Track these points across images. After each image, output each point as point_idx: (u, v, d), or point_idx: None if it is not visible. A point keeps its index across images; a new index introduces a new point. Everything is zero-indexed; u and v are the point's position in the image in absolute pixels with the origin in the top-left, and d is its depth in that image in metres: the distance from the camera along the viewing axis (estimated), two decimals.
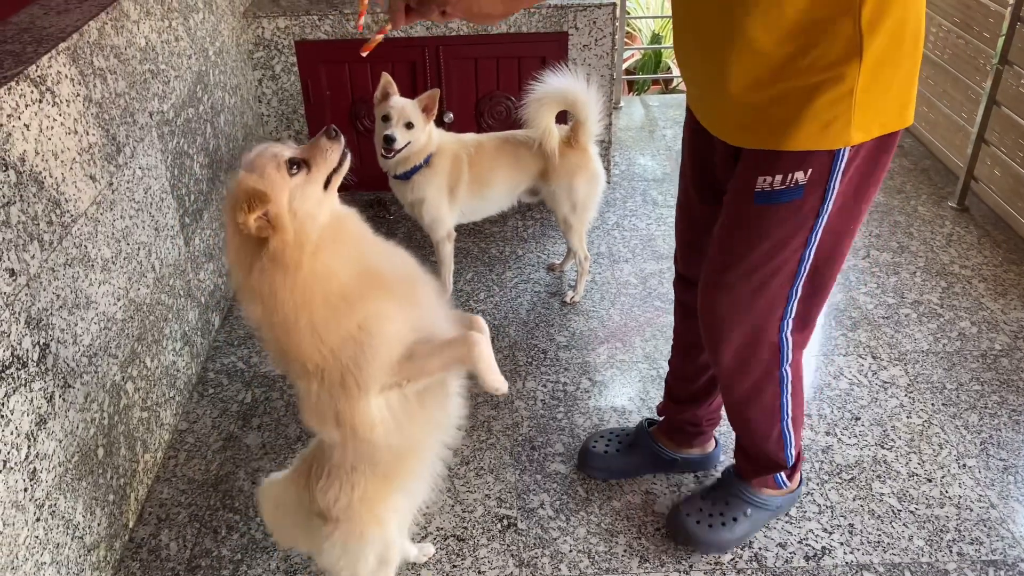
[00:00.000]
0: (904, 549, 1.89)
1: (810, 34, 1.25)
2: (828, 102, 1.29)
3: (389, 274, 1.35)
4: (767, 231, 1.45)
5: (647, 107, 4.34)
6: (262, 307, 1.26)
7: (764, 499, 1.88)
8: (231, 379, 2.48)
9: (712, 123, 1.48)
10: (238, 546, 1.95)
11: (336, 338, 1.27)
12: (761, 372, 1.65)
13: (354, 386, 1.29)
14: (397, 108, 2.41)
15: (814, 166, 1.35)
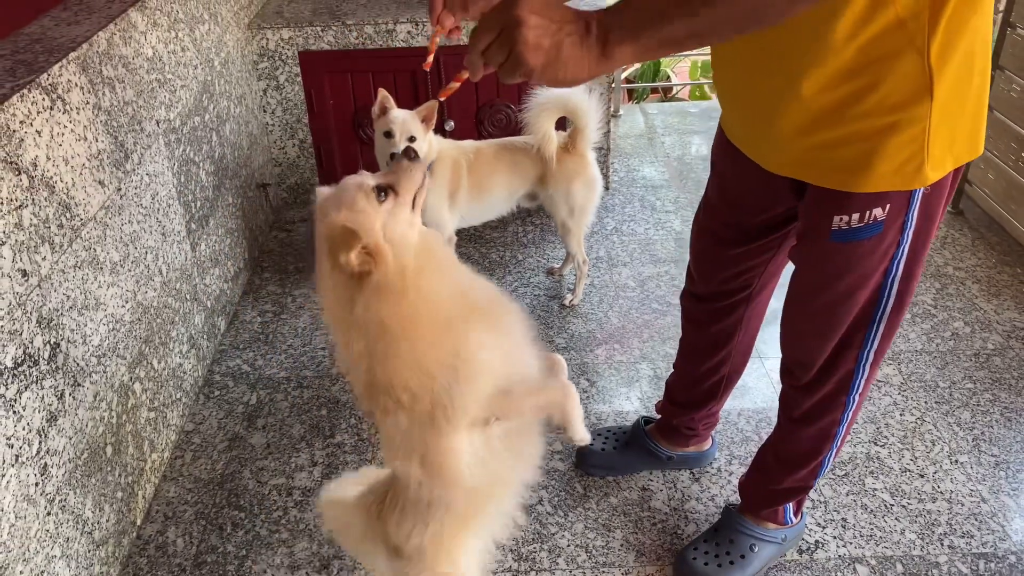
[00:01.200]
0: (896, 542, 1.92)
1: (872, 73, 1.19)
2: (901, 143, 1.24)
3: (481, 298, 1.29)
4: (849, 265, 1.41)
5: (646, 115, 4.39)
6: (366, 341, 1.20)
7: (770, 533, 1.85)
8: (236, 381, 2.52)
9: (768, 160, 1.43)
10: (243, 542, 1.99)
11: (434, 365, 1.21)
12: (831, 394, 1.61)
13: (443, 420, 1.23)
14: (399, 123, 2.45)
15: (891, 202, 1.31)
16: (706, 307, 1.85)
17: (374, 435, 2.29)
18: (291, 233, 3.32)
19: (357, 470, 1.96)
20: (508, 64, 0.95)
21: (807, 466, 1.73)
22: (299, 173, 3.47)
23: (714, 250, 1.74)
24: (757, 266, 1.71)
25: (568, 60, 0.93)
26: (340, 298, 1.20)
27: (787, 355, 1.65)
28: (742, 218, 1.63)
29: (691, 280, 1.87)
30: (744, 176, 1.53)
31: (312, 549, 1.96)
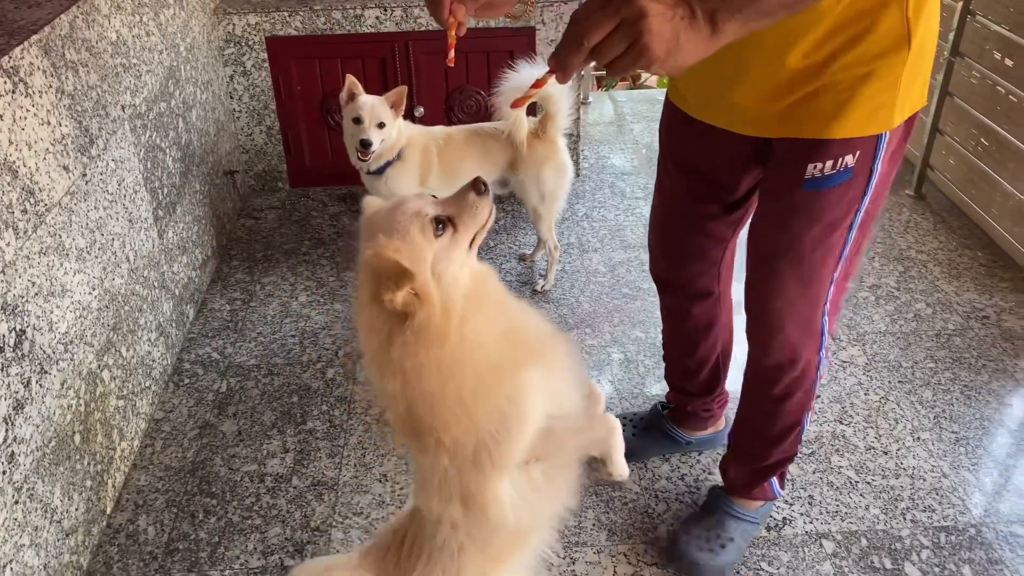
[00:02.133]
0: (861, 518, 1.97)
1: (857, 26, 1.24)
2: (876, 91, 1.29)
3: (532, 336, 1.21)
4: (818, 215, 1.43)
5: (615, 103, 4.41)
6: (402, 382, 1.10)
7: (754, 513, 1.88)
8: (206, 369, 2.51)
9: (736, 121, 1.45)
10: (215, 529, 1.98)
11: (481, 411, 1.13)
12: (806, 362, 1.62)
13: (488, 463, 1.15)
14: (368, 108, 2.45)
15: (861, 149, 1.36)
16: (683, 295, 1.84)
17: (347, 421, 2.29)
18: (259, 220, 3.30)
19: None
20: (629, 57, 0.90)
21: (790, 435, 1.75)
22: (267, 160, 3.44)
23: (681, 232, 1.74)
24: (725, 239, 1.73)
25: (685, 45, 0.91)
26: (376, 332, 1.10)
27: (759, 329, 1.63)
28: (707, 193, 1.64)
29: (661, 270, 1.86)
30: (707, 149, 1.54)
31: (285, 534, 1.96)
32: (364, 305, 1.10)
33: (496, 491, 1.18)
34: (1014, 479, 2.09)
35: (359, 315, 1.12)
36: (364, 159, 2.50)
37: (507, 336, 1.16)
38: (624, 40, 0.88)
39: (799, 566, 1.86)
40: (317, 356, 2.55)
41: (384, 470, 2.13)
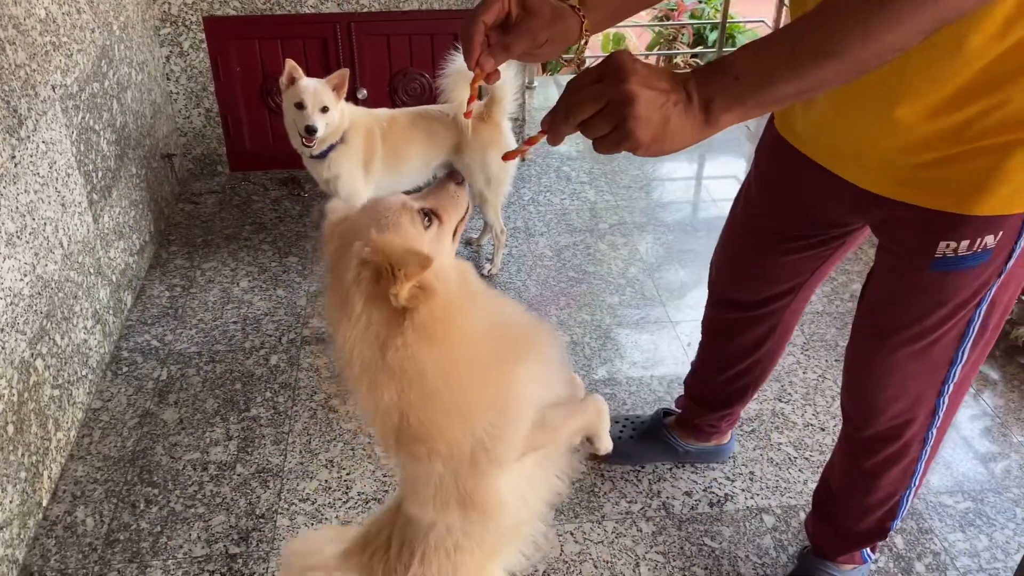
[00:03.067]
0: (799, 492, 2.03)
1: (997, 93, 1.10)
2: (1022, 162, 1.14)
3: (518, 329, 1.18)
4: (944, 299, 1.29)
5: (560, 87, 4.42)
6: (399, 387, 1.04)
7: (850, 573, 1.76)
8: (145, 357, 2.45)
9: (843, 167, 1.33)
10: (157, 519, 1.95)
11: (478, 409, 1.09)
12: (911, 437, 1.49)
13: (485, 462, 1.11)
14: (310, 93, 2.40)
15: (1005, 229, 1.20)
16: (743, 315, 1.74)
17: (292, 407, 2.27)
18: (198, 205, 3.23)
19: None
20: (612, 138, 0.87)
21: (881, 510, 1.62)
22: (205, 143, 3.36)
23: (763, 259, 1.62)
24: (805, 272, 1.62)
25: (675, 132, 0.87)
26: (370, 337, 1.02)
27: (855, 404, 1.53)
28: (800, 228, 1.52)
29: (726, 289, 1.76)
30: (806, 184, 1.42)
31: (230, 522, 1.94)
32: (356, 310, 1.01)
33: (494, 489, 1.15)
34: (943, 453, 2.18)
35: (345, 325, 1.02)
36: (309, 145, 2.46)
37: (498, 328, 1.13)
38: (609, 122, 0.86)
39: (740, 540, 1.91)
40: (260, 343, 2.52)
41: (330, 456, 2.12)
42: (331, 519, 1.94)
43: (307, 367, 2.42)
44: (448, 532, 1.19)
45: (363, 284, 0.99)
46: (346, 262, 1.01)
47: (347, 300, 1.01)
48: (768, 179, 1.56)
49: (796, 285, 1.65)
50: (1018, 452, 2.18)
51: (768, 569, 1.85)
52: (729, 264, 1.73)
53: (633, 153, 0.88)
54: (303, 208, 3.22)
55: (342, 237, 1.05)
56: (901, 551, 1.89)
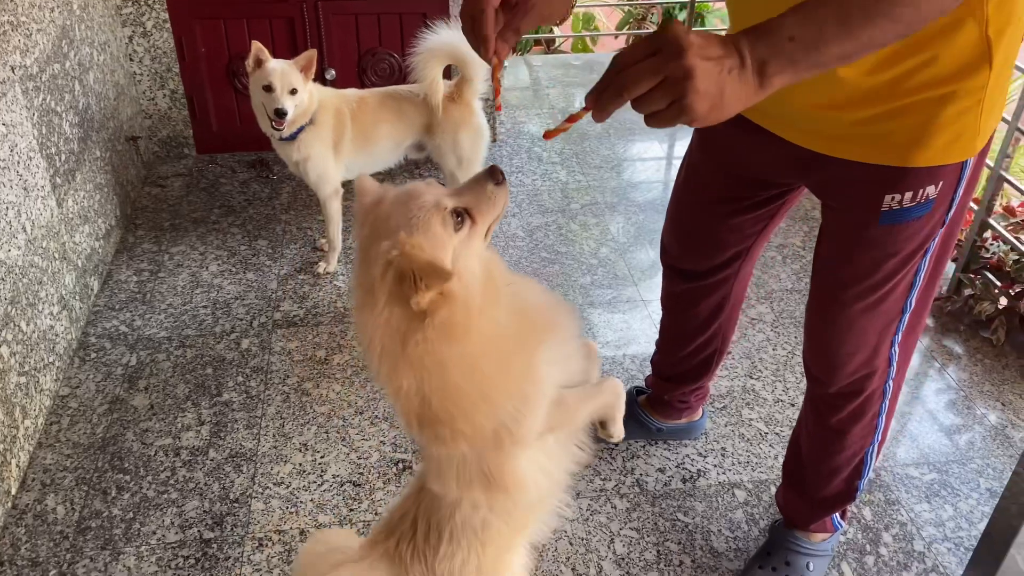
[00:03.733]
0: (770, 467, 2.06)
1: (928, 48, 1.13)
2: (957, 113, 1.18)
3: (542, 314, 1.17)
4: (893, 251, 1.33)
5: (530, 67, 4.40)
6: (418, 378, 1.06)
7: (822, 547, 1.78)
8: (114, 343, 2.42)
9: (789, 129, 1.34)
10: (129, 505, 1.93)
11: (501, 394, 1.10)
12: (871, 391, 1.54)
13: (508, 441, 1.12)
14: (278, 75, 2.37)
15: (945, 178, 1.25)
16: (695, 284, 1.77)
17: (264, 391, 2.26)
18: (165, 188, 3.18)
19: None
20: (669, 112, 0.85)
21: (849, 468, 1.66)
22: (171, 125, 3.31)
23: (706, 224, 1.65)
24: (750, 235, 1.65)
25: (730, 99, 0.86)
26: (392, 331, 1.03)
27: (818, 361, 1.56)
28: (740, 190, 1.55)
29: (676, 258, 1.78)
30: (749, 147, 1.44)
31: (204, 507, 1.92)
32: (379, 304, 1.02)
33: (517, 467, 1.16)
34: (909, 426, 2.22)
35: (367, 313, 1.04)
36: (278, 128, 2.43)
37: (519, 316, 1.13)
38: (667, 97, 0.84)
39: (713, 515, 1.94)
40: (231, 327, 2.49)
41: (304, 439, 2.11)
42: (306, 502, 1.94)
43: (279, 351, 2.40)
44: (475, 510, 1.20)
45: (388, 282, 1.00)
46: (375, 254, 1.01)
47: (372, 291, 1.02)
48: (709, 144, 1.57)
49: (742, 250, 1.69)
50: (981, 424, 2.23)
51: (740, 543, 1.88)
52: (677, 233, 1.75)
53: (689, 125, 0.88)
54: (272, 190, 3.19)
55: (373, 226, 1.04)
56: (869, 522, 1.93)
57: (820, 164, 1.32)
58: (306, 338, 2.45)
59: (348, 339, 2.45)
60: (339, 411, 2.20)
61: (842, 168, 1.29)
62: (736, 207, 1.58)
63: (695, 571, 1.80)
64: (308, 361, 2.37)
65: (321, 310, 2.57)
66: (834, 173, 1.32)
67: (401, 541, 1.25)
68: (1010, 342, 2.48)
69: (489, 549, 1.23)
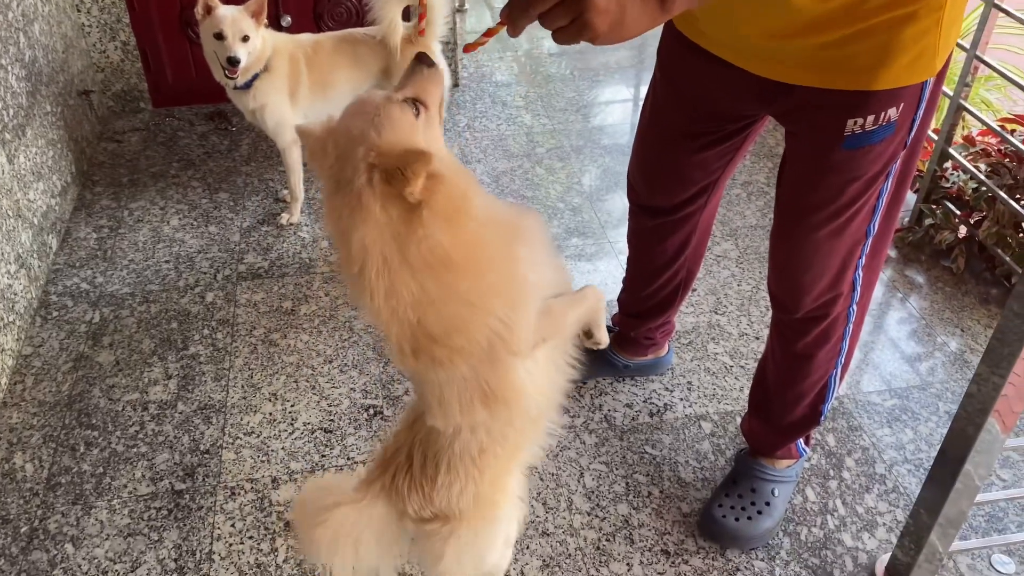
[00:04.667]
0: (735, 399, 2.09)
1: None
2: (917, 34, 1.18)
3: (508, 213, 1.17)
4: (857, 174, 1.34)
5: (492, 9, 4.33)
6: (421, 282, 1.04)
7: (787, 473, 1.80)
8: (76, 301, 2.39)
9: (750, 59, 1.34)
10: (99, 460, 1.93)
11: (491, 296, 1.09)
12: (835, 316, 1.56)
13: (504, 352, 1.12)
14: (229, 22, 2.30)
15: (906, 99, 1.26)
16: (662, 221, 1.76)
17: (231, 343, 2.24)
18: (122, 144, 3.11)
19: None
20: (572, 29, 0.91)
21: (814, 392, 1.68)
22: (125, 79, 3.22)
23: (672, 159, 1.65)
24: (716, 170, 1.65)
25: (631, 20, 0.91)
26: (388, 237, 1.01)
27: (784, 287, 1.57)
28: (704, 124, 1.55)
29: (642, 195, 1.78)
30: (712, 81, 1.44)
31: (175, 459, 1.92)
32: (372, 214, 1.01)
33: (515, 379, 1.17)
34: (872, 355, 2.26)
35: (361, 231, 1.01)
36: (232, 76, 2.38)
37: (491, 212, 1.13)
38: (567, 14, 0.90)
39: (680, 447, 1.97)
40: (195, 280, 2.47)
41: (273, 389, 2.11)
42: (277, 451, 1.95)
43: (245, 303, 2.38)
44: (473, 434, 1.20)
45: (377, 187, 0.99)
46: (351, 170, 1.01)
47: (360, 206, 1.01)
48: (672, 78, 1.57)
49: (708, 184, 1.69)
50: (942, 351, 2.27)
51: (707, 473, 1.91)
52: (643, 169, 1.75)
53: (592, 43, 0.93)
54: (231, 142, 3.13)
55: (337, 147, 1.04)
56: (832, 448, 1.97)
57: (783, 93, 1.32)
58: (271, 289, 2.44)
59: (314, 289, 2.44)
60: (308, 360, 2.19)
61: (805, 95, 1.30)
62: (701, 142, 1.58)
63: (663, 501, 1.84)
64: (274, 312, 2.35)
65: (286, 261, 2.55)
66: (797, 101, 1.33)
67: (397, 474, 1.25)
68: (969, 270, 2.53)
69: (487, 475, 1.24)
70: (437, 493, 1.23)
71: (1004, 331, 1.30)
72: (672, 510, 1.82)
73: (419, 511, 1.24)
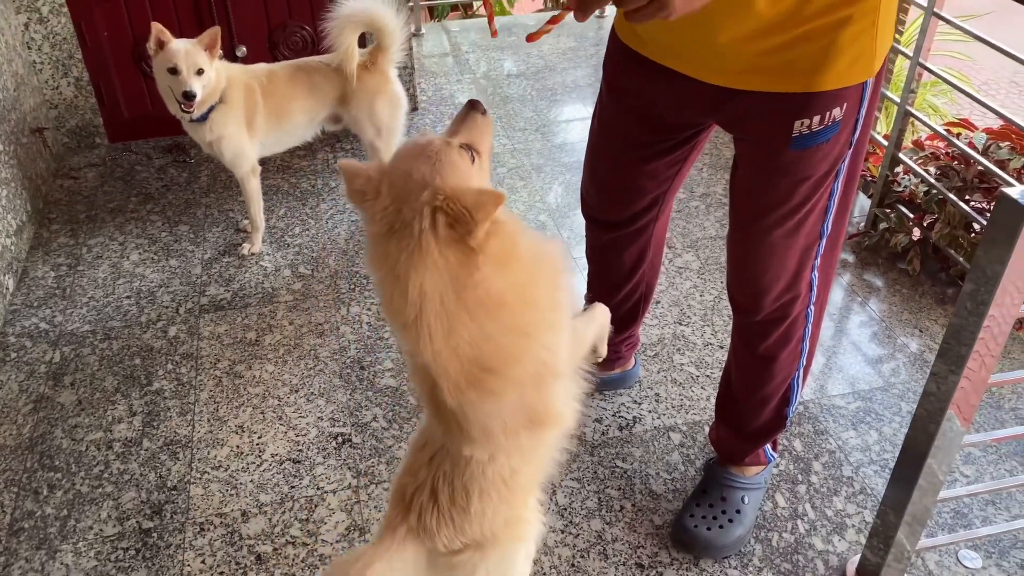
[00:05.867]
0: (703, 409, 2.11)
1: None
2: (854, 35, 1.24)
3: (546, 245, 1.19)
4: (806, 173, 1.37)
5: (448, 33, 4.36)
6: (478, 322, 1.05)
7: (756, 480, 1.82)
8: (35, 341, 2.35)
9: (700, 68, 1.36)
10: (63, 502, 1.89)
11: (536, 324, 1.12)
12: (795, 317, 1.58)
13: (549, 377, 1.15)
14: (183, 56, 2.29)
15: (848, 100, 1.31)
16: (616, 235, 1.78)
17: (196, 377, 2.22)
18: (78, 180, 3.08)
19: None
20: (651, 7, 0.93)
21: (779, 395, 1.70)
22: (79, 115, 3.19)
23: (623, 172, 1.67)
24: (666, 180, 1.67)
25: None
26: (447, 280, 1.02)
27: (743, 290, 1.60)
28: (652, 135, 1.57)
29: (595, 208, 1.79)
30: (659, 91, 1.47)
31: (141, 497, 1.89)
32: (430, 257, 1.01)
33: (556, 401, 1.18)
34: (835, 359, 2.29)
35: (419, 273, 1.02)
36: (188, 111, 2.37)
37: (534, 247, 1.15)
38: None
39: (650, 459, 1.98)
40: (157, 315, 2.44)
41: (240, 421, 2.09)
42: (246, 483, 1.92)
43: (208, 335, 2.36)
44: (507, 459, 1.20)
45: (441, 231, 1.00)
46: (410, 213, 1.01)
47: (419, 250, 1.01)
48: (618, 90, 1.58)
49: (658, 195, 1.71)
50: (903, 352, 2.31)
51: (678, 483, 1.92)
52: (595, 183, 1.77)
53: (665, 19, 0.95)
54: (190, 174, 3.11)
55: (394, 189, 1.04)
56: (800, 453, 2.00)
57: (730, 99, 1.36)
58: (235, 320, 2.42)
59: (278, 319, 2.42)
60: (273, 391, 2.18)
61: (752, 100, 1.34)
62: (650, 152, 1.60)
63: (636, 514, 1.85)
64: (238, 344, 2.33)
65: (248, 291, 2.53)
66: (745, 106, 1.36)
67: (423, 513, 1.22)
68: (925, 271, 2.58)
69: (518, 495, 1.25)
70: (470, 522, 1.22)
71: (958, 329, 1.33)
72: (645, 523, 1.83)
73: (449, 544, 1.22)
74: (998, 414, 2.12)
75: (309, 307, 2.46)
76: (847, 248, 2.71)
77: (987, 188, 2.50)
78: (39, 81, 3.07)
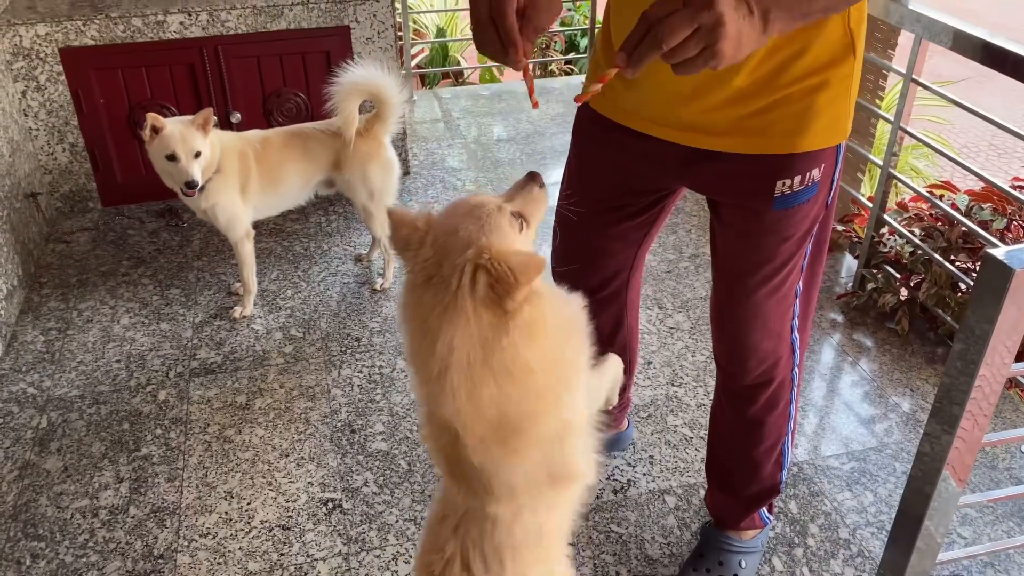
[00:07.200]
0: (697, 471, 2.10)
1: (800, 41, 1.23)
2: (830, 99, 1.28)
3: (568, 306, 1.20)
4: (789, 232, 1.40)
5: (440, 99, 4.45)
6: (502, 385, 1.05)
7: (753, 544, 1.82)
8: (22, 407, 2.32)
9: (675, 133, 1.39)
10: (46, 573, 1.84)
11: (565, 389, 1.13)
12: (782, 378, 1.60)
13: (570, 437, 1.16)
14: (179, 140, 2.31)
15: (826, 161, 1.35)
16: (590, 300, 1.74)
17: (185, 442, 2.19)
18: (71, 244, 3.08)
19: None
20: (701, 58, 0.93)
21: (772, 458, 1.70)
22: (73, 180, 3.22)
23: (592, 238, 1.67)
24: (633, 243, 1.68)
25: (744, 44, 0.94)
26: (476, 340, 1.02)
27: (729, 353, 1.60)
28: (625, 198, 1.58)
29: (566, 275, 1.76)
30: (631, 155, 1.48)
31: (127, 567, 1.85)
32: (464, 315, 1.01)
33: (577, 456, 1.18)
34: (827, 419, 2.29)
35: (450, 330, 1.02)
36: (190, 195, 2.40)
37: (559, 310, 1.16)
38: (700, 44, 0.92)
39: (646, 523, 1.96)
40: (146, 379, 2.42)
41: (229, 487, 2.06)
42: (234, 551, 1.89)
43: (198, 399, 2.34)
44: (533, 516, 1.19)
45: (479, 289, 1.00)
46: (449, 269, 1.02)
47: (455, 306, 1.01)
48: (587, 158, 1.60)
49: (628, 258, 1.72)
50: (895, 411, 2.31)
51: (674, 548, 1.90)
52: (566, 250, 1.76)
53: (712, 68, 0.95)
54: (183, 238, 3.13)
55: (438, 242, 1.05)
56: (796, 515, 1.98)
57: (709, 161, 1.37)
58: (225, 384, 2.40)
59: (269, 382, 2.41)
60: (263, 456, 2.15)
61: (732, 162, 1.35)
62: (619, 215, 1.60)
63: None
64: (228, 408, 2.31)
65: (239, 355, 2.52)
66: (725, 168, 1.37)
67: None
68: (914, 331, 2.60)
69: (551, 551, 1.25)
70: None
71: (949, 388, 1.34)
72: None
73: None
74: (992, 474, 2.12)
75: (300, 370, 2.45)
76: (836, 308, 2.73)
77: (971, 248, 2.54)
78: (34, 147, 3.10)
